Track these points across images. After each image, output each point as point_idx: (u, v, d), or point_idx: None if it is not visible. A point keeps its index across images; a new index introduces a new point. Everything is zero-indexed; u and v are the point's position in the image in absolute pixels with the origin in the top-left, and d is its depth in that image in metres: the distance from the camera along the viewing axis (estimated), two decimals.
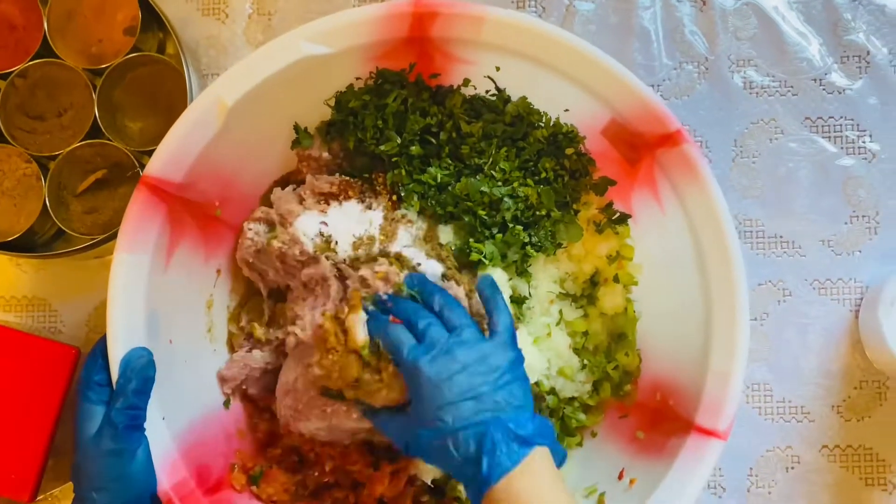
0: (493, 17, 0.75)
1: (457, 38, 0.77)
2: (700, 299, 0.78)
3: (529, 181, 0.83)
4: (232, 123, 0.76)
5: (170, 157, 0.75)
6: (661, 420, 0.80)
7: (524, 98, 0.82)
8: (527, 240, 0.82)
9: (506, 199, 0.81)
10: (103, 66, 0.88)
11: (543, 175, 0.83)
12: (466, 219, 0.81)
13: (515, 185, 0.82)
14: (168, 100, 0.90)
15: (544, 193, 0.83)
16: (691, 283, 0.78)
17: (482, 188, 0.81)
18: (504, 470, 0.64)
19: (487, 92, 0.83)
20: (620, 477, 0.80)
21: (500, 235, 0.81)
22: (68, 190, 0.90)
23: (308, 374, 0.76)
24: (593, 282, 0.87)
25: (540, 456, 0.66)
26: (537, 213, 0.83)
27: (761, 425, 0.92)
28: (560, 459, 0.69)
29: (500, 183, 0.82)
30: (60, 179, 0.89)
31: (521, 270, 0.83)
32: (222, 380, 0.84)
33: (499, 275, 0.80)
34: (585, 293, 0.87)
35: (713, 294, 0.76)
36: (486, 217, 0.81)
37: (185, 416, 0.78)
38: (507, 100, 0.83)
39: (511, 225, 0.82)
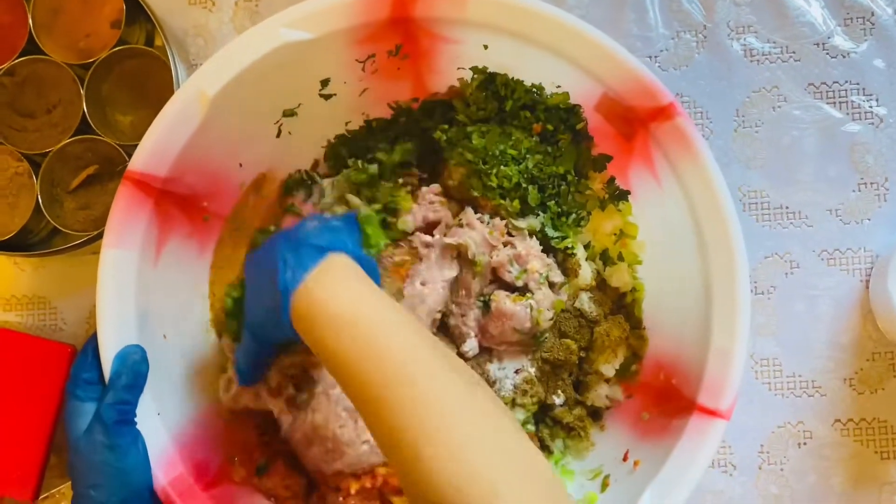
0: None
1: (441, 17, 0.75)
2: (700, 276, 0.76)
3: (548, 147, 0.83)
4: (215, 115, 0.75)
5: (153, 151, 0.74)
6: (665, 400, 0.79)
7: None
8: (557, 209, 0.83)
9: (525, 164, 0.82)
10: (90, 60, 0.87)
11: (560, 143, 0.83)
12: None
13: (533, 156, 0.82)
14: (157, 92, 0.89)
15: (561, 160, 0.82)
16: (691, 260, 0.76)
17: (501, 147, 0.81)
18: (297, 279, 0.64)
19: (475, 75, 0.81)
20: (625, 459, 0.79)
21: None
22: (61, 187, 0.89)
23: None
24: (603, 261, 0.85)
25: (338, 260, 0.66)
26: (557, 179, 0.83)
27: (771, 401, 0.90)
28: (371, 271, 0.68)
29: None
30: (52, 177, 0.88)
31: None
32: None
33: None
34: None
35: (712, 270, 0.74)
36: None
37: (181, 411, 0.78)
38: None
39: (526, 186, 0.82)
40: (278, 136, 0.84)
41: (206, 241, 0.83)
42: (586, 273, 0.83)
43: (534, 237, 0.83)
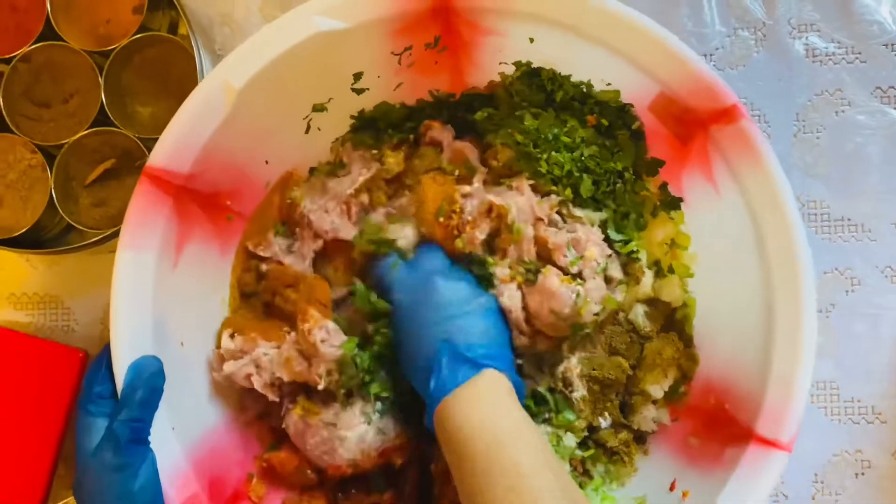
0: None
1: (485, 7, 0.70)
2: (760, 293, 0.70)
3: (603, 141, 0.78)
4: (242, 108, 0.70)
5: (174, 146, 0.69)
6: (717, 426, 0.73)
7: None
8: (614, 207, 0.78)
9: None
10: (109, 48, 0.82)
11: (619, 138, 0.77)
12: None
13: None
14: (180, 83, 0.84)
15: (620, 156, 0.77)
16: (750, 275, 0.71)
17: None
18: (447, 389, 0.64)
19: (519, 68, 0.76)
20: (672, 488, 0.73)
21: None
22: (76, 181, 0.84)
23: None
24: (653, 273, 0.79)
25: (489, 378, 0.65)
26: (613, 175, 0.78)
27: (827, 427, 0.84)
28: (518, 391, 0.67)
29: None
30: (68, 170, 0.83)
31: None
32: None
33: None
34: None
35: (775, 288, 0.68)
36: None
37: (197, 425, 0.73)
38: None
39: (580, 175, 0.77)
40: (307, 131, 0.79)
41: (229, 242, 0.79)
42: (647, 282, 0.78)
43: (597, 227, 0.77)
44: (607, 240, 0.77)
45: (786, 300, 0.68)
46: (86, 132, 0.82)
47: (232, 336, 0.75)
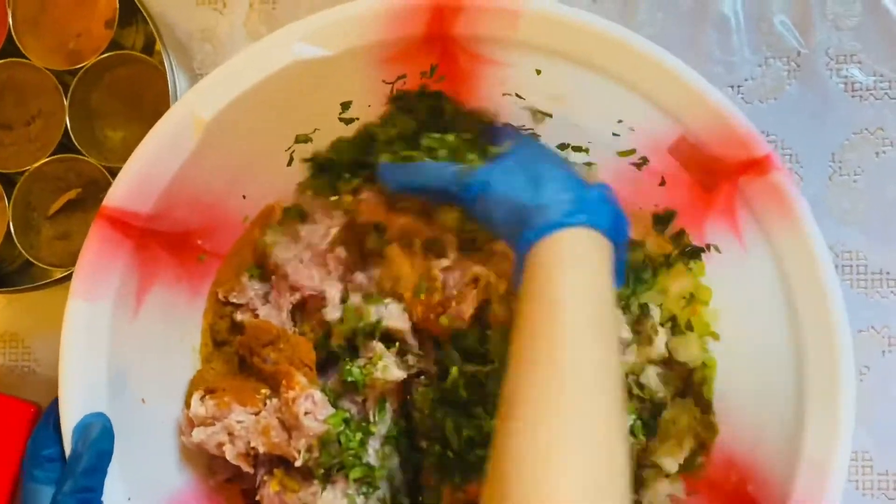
0: (532, 10, 0.60)
1: (487, 35, 0.62)
2: (789, 361, 0.62)
3: None
4: (212, 141, 0.63)
5: (135, 183, 0.62)
6: None
7: None
8: None
9: None
10: (77, 66, 0.75)
11: None
12: None
13: None
14: (154, 105, 0.77)
15: None
16: (778, 340, 0.63)
17: None
18: (548, 229, 0.56)
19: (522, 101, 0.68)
20: None
21: None
22: (38, 212, 0.78)
23: None
24: (669, 330, 0.72)
25: (590, 236, 0.57)
26: None
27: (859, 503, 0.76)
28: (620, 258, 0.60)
29: None
30: (29, 199, 0.77)
31: None
32: None
33: None
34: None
35: (807, 356, 0.60)
36: None
37: (159, 493, 0.66)
38: None
39: None
40: (289, 164, 0.71)
41: (200, 284, 0.72)
42: (661, 341, 0.70)
43: None
44: None
45: (819, 372, 0.60)
46: (49, 158, 0.75)
47: (203, 398, 0.68)
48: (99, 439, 0.60)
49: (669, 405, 0.70)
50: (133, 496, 0.62)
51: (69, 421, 0.60)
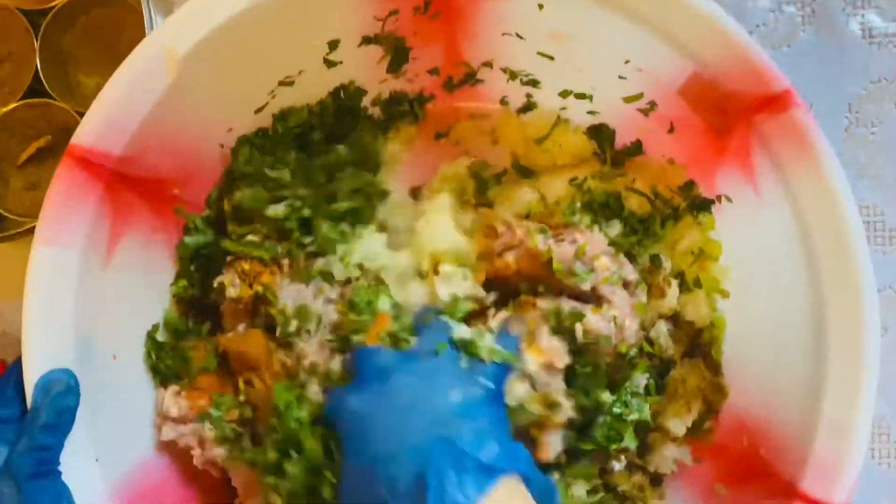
0: None
1: None
2: (808, 318, 0.59)
3: None
4: (187, 79, 0.58)
5: (105, 122, 0.58)
6: (750, 474, 0.62)
7: None
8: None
9: None
10: (49, 5, 0.70)
11: None
12: None
13: None
14: (131, 49, 0.71)
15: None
16: (795, 296, 0.60)
17: None
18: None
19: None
20: None
21: None
22: (7, 161, 0.74)
23: None
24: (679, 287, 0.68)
25: (510, 490, 0.49)
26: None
27: (876, 473, 0.74)
28: (549, 499, 0.53)
29: None
30: None
31: None
32: None
33: None
34: None
35: (828, 312, 0.57)
36: None
37: (129, 456, 0.62)
38: None
39: None
40: (259, 111, 0.67)
41: (176, 236, 0.67)
42: (673, 294, 0.66)
43: (598, 231, 0.65)
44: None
45: (840, 329, 0.57)
46: (18, 104, 0.72)
47: (178, 394, 0.64)
48: (61, 395, 0.55)
49: (678, 364, 0.66)
50: (101, 457, 0.58)
51: (32, 377, 0.56)
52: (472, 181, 0.70)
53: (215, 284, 0.65)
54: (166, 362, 0.65)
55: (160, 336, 0.66)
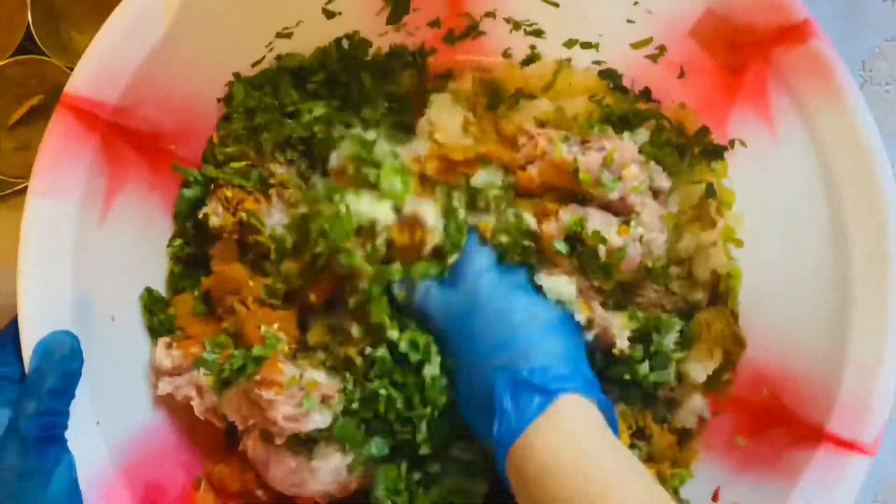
0: None
1: None
2: (831, 262, 0.57)
3: None
4: (184, 27, 0.57)
5: (99, 69, 0.56)
6: (771, 423, 0.60)
7: None
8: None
9: None
10: None
11: None
12: None
13: None
14: None
15: None
16: (818, 241, 0.58)
17: None
18: (516, 430, 0.51)
19: None
20: (715, 498, 0.60)
21: None
22: None
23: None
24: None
25: (567, 406, 0.52)
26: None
27: None
28: (609, 416, 0.54)
29: None
30: None
31: None
32: None
33: None
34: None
35: (853, 254, 0.55)
36: None
37: (130, 419, 0.60)
38: None
39: None
40: (256, 64, 0.65)
41: (173, 194, 0.65)
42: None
43: (626, 136, 0.62)
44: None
45: (868, 269, 0.55)
46: (8, 60, 0.71)
47: (169, 347, 0.62)
48: (67, 358, 0.53)
49: (704, 309, 0.65)
50: (102, 420, 0.56)
51: (29, 336, 0.54)
52: (482, 97, 0.68)
53: (200, 216, 0.63)
54: (160, 317, 0.63)
55: (157, 296, 0.64)
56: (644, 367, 0.61)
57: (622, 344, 0.60)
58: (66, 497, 0.53)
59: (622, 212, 0.59)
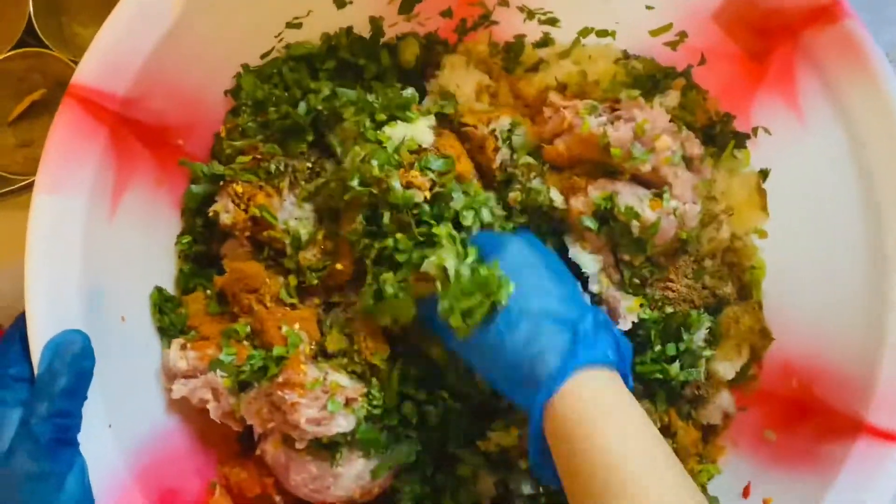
0: None
1: None
2: (863, 246, 0.56)
3: None
4: (192, 18, 0.55)
5: (107, 60, 0.54)
6: (803, 416, 0.59)
7: None
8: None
9: None
10: None
11: None
12: None
13: None
14: None
15: None
16: (848, 225, 0.57)
17: None
18: (552, 391, 0.50)
19: None
20: (746, 494, 0.59)
21: None
22: None
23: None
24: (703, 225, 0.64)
25: (609, 371, 0.51)
26: None
27: None
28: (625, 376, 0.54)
29: None
30: None
31: None
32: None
33: None
34: None
35: (889, 237, 0.53)
36: None
37: (143, 423, 0.58)
38: None
39: None
40: (265, 55, 0.63)
41: (181, 191, 0.63)
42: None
43: (656, 105, 0.60)
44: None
45: None
46: (10, 54, 0.68)
47: (183, 348, 0.60)
48: (79, 357, 0.52)
49: (732, 303, 0.63)
50: (114, 424, 0.54)
51: (39, 336, 0.52)
52: (498, 59, 0.66)
53: (210, 213, 0.61)
54: (171, 317, 0.61)
55: (167, 295, 0.62)
56: (675, 367, 0.59)
57: (624, 326, 0.59)
58: (81, 499, 0.51)
59: (654, 184, 0.58)
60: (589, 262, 0.58)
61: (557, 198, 0.59)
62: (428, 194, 0.57)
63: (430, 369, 0.58)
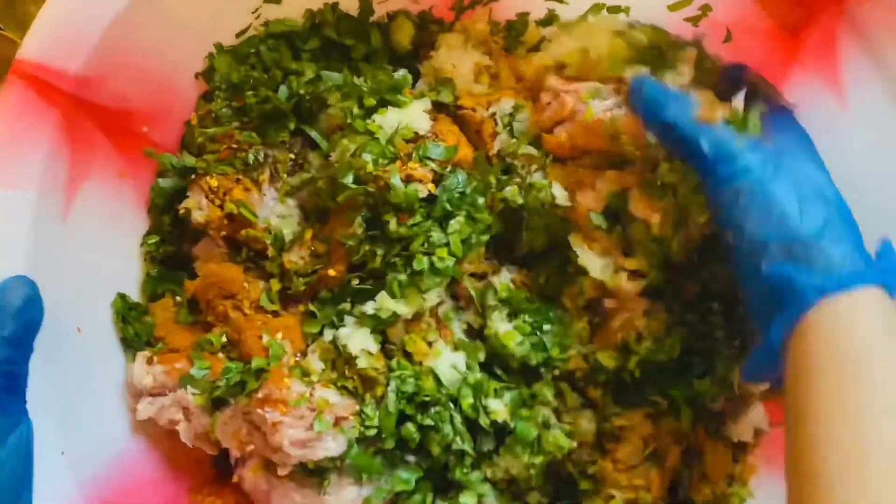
0: None
1: None
2: None
3: None
4: None
5: (57, 32, 0.49)
6: None
7: None
8: None
9: None
10: None
11: None
12: None
13: None
14: None
15: None
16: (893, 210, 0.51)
17: None
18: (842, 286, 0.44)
19: None
20: None
21: None
22: None
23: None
24: None
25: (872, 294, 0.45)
26: None
27: None
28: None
29: None
30: None
31: None
32: None
33: None
34: None
35: None
36: None
37: (101, 450, 0.53)
38: None
39: None
40: (240, 34, 0.57)
41: (147, 185, 0.57)
42: None
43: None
44: None
45: None
46: None
47: (149, 361, 0.53)
48: (25, 307, 0.47)
49: None
50: (69, 451, 0.48)
51: None
52: (499, 38, 0.60)
53: (180, 210, 0.55)
54: (135, 327, 0.54)
55: (131, 302, 0.55)
56: (705, 383, 0.53)
57: None
58: (17, 465, 0.46)
59: None
60: (598, 264, 0.52)
61: (560, 195, 0.53)
62: (431, 187, 0.51)
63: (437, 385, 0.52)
